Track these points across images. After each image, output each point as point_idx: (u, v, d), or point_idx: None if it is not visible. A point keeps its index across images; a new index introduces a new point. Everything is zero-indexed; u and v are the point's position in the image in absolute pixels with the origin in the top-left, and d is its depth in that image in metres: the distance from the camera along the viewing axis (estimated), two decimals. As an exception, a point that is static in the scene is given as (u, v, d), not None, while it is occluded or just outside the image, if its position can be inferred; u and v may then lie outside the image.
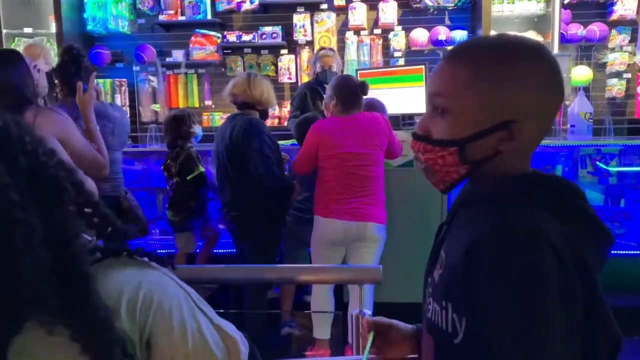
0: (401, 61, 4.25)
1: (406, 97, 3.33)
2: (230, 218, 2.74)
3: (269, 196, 2.62)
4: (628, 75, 4.18)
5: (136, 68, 4.41)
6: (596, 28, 4.02)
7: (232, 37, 4.27)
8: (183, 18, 4.30)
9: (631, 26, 4.10)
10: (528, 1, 4.00)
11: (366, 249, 2.56)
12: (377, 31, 4.31)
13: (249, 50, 4.38)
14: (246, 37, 4.25)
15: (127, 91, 4.45)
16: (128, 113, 4.27)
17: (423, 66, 3.32)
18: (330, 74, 3.40)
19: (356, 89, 2.57)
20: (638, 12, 4.05)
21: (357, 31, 4.31)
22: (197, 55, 4.31)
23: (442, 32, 4.14)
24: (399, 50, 4.27)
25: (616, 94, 4.20)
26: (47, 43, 4.17)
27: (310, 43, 4.33)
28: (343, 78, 2.72)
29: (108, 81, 4.39)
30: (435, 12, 4.23)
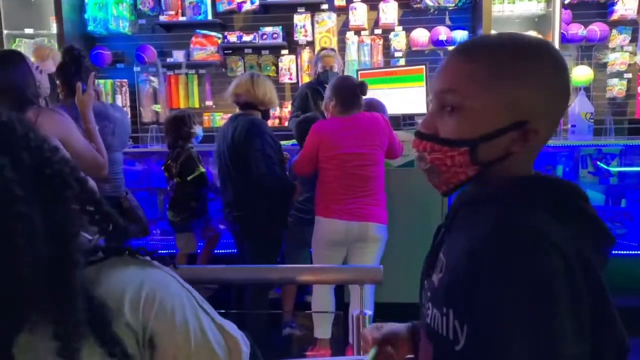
0: (402, 61, 4.26)
1: (407, 98, 3.33)
2: (232, 218, 2.74)
3: (271, 196, 2.62)
4: (629, 75, 4.17)
5: (137, 69, 4.41)
6: (597, 28, 4.02)
7: (233, 38, 4.27)
8: (184, 19, 4.30)
9: (632, 26, 4.10)
10: (529, 1, 4.00)
11: (367, 249, 2.56)
12: (378, 31, 4.31)
13: (250, 50, 4.38)
14: (247, 38, 4.25)
15: (128, 92, 4.45)
16: (129, 113, 4.28)
17: (424, 66, 3.32)
18: (331, 74, 3.40)
19: (355, 89, 2.57)
20: (639, 12, 4.04)
21: (358, 31, 4.32)
22: (198, 55, 4.31)
23: (443, 32, 4.14)
24: (400, 50, 4.27)
25: (617, 94, 4.20)
26: (48, 44, 4.17)
27: (310, 43, 4.34)
28: (342, 79, 2.72)
29: (109, 82, 4.40)
30: (435, 12, 4.23)
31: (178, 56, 4.34)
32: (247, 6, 4.23)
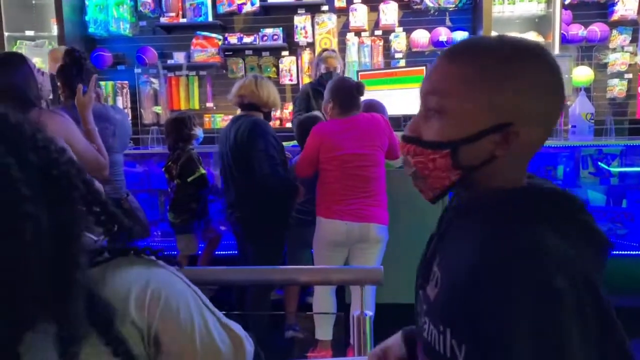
0: (402, 62, 4.26)
1: (407, 98, 3.33)
2: (235, 219, 2.74)
3: (274, 197, 2.62)
4: (629, 75, 4.17)
5: (137, 70, 4.42)
6: (597, 28, 4.02)
7: (233, 39, 4.27)
8: (184, 20, 4.31)
9: (632, 26, 4.10)
10: (529, 2, 4.00)
11: (368, 250, 2.57)
12: (378, 32, 4.31)
13: (250, 52, 4.39)
14: (247, 39, 4.26)
15: (129, 93, 4.46)
16: (129, 115, 4.28)
17: (424, 67, 3.33)
18: (335, 75, 3.40)
19: (352, 91, 2.57)
20: (639, 13, 4.05)
21: (358, 32, 4.32)
22: (198, 57, 4.31)
23: (443, 33, 4.14)
24: (400, 51, 4.27)
25: (617, 95, 4.20)
26: (49, 46, 4.18)
27: (311, 45, 4.34)
28: (339, 80, 2.72)
29: (110, 83, 4.40)
30: (436, 13, 4.23)
31: (179, 58, 4.35)
32: (248, 8, 4.23)
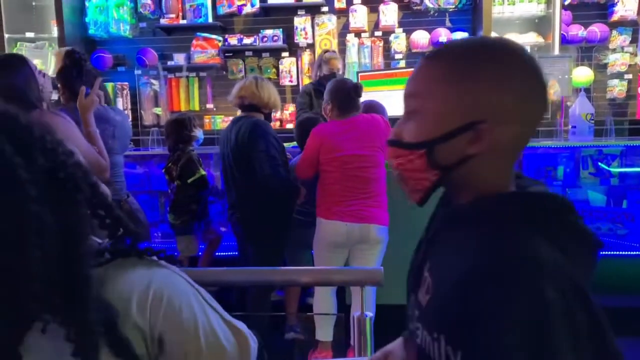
0: (402, 63, 4.26)
1: (407, 99, 3.33)
2: (236, 220, 2.74)
3: (275, 198, 2.62)
4: (629, 76, 4.17)
5: (138, 72, 4.42)
6: (597, 29, 4.02)
7: (233, 40, 4.28)
8: (184, 22, 4.31)
9: (632, 27, 4.10)
10: (529, 2, 4.00)
11: (369, 251, 2.57)
12: (378, 33, 4.31)
13: (250, 53, 4.39)
14: (247, 40, 4.27)
15: (129, 95, 4.47)
16: (130, 116, 4.29)
17: (424, 68, 3.32)
18: (338, 76, 3.39)
19: (350, 92, 2.57)
20: (639, 13, 4.05)
21: (358, 33, 4.32)
22: (199, 58, 4.32)
23: (443, 34, 4.15)
24: (400, 52, 4.27)
25: (617, 95, 4.20)
26: (49, 47, 4.18)
27: (311, 46, 4.34)
28: (337, 82, 2.71)
29: (110, 85, 4.40)
30: (435, 14, 4.23)
31: (179, 59, 4.35)
32: (248, 9, 4.24)
